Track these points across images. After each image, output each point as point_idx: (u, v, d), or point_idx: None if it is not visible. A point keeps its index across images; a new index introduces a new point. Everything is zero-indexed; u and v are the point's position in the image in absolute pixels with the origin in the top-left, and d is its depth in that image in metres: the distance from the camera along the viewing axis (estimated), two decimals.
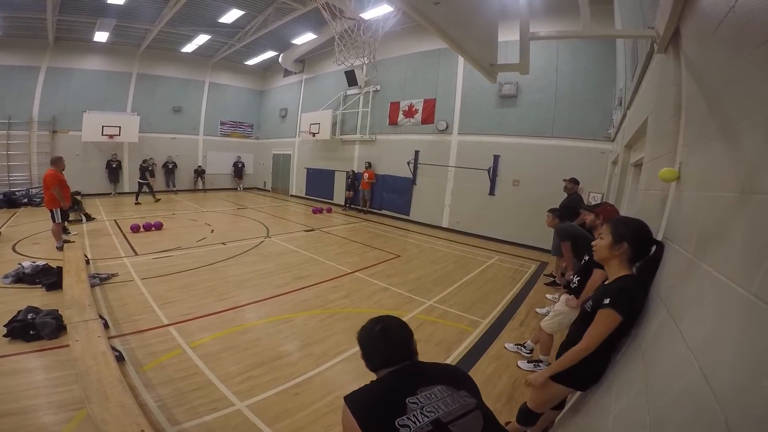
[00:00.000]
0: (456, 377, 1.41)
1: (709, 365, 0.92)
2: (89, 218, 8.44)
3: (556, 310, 3.47)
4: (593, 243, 1.97)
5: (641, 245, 1.82)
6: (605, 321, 1.70)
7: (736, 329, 0.87)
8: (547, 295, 5.86)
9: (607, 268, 1.90)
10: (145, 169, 14.02)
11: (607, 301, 1.70)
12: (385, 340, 1.41)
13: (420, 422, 1.17)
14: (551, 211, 5.26)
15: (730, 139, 1.22)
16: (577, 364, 1.85)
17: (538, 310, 5.18)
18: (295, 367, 3.49)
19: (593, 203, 7.55)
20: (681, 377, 1.04)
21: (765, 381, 0.69)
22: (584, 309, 1.93)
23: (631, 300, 1.71)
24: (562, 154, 8.88)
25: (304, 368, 3.48)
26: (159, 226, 8.99)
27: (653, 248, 1.85)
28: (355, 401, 1.28)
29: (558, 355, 2.11)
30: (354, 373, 3.42)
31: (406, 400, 1.23)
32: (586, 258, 3.35)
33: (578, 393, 2.15)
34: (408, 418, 1.18)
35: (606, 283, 1.92)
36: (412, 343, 1.45)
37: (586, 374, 1.88)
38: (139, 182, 13.91)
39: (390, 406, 1.22)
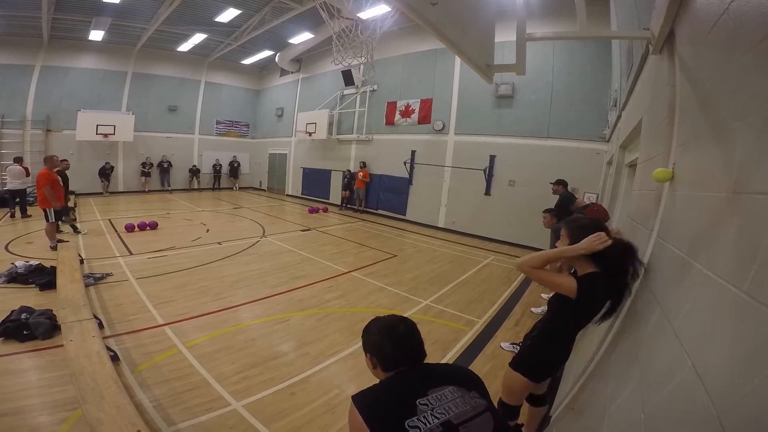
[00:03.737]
0: (466, 378, 1.38)
1: (702, 363, 0.93)
2: (75, 230, 8.22)
3: None
4: (556, 244, 2.09)
5: None
6: (562, 278, 1.91)
7: (729, 327, 0.89)
8: (542, 295, 5.88)
9: (575, 267, 2.03)
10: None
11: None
12: (407, 342, 1.38)
13: (430, 423, 1.14)
14: (547, 211, 5.29)
15: (723, 140, 1.23)
16: (529, 354, 2.14)
17: (533, 309, 5.20)
18: (291, 367, 3.48)
19: (587, 203, 7.60)
20: (675, 375, 1.05)
21: (757, 378, 0.70)
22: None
23: (589, 285, 1.84)
24: (558, 154, 8.92)
25: (300, 368, 3.47)
26: (154, 226, 8.95)
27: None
28: (364, 401, 1.24)
29: (522, 343, 2.38)
30: (350, 372, 3.40)
31: (417, 402, 1.19)
32: None
33: (575, 389, 2.17)
34: (418, 419, 1.15)
35: None
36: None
37: (538, 365, 2.08)
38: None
39: (400, 407, 1.19)
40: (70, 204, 9.84)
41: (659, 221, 1.99)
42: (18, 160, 10.14)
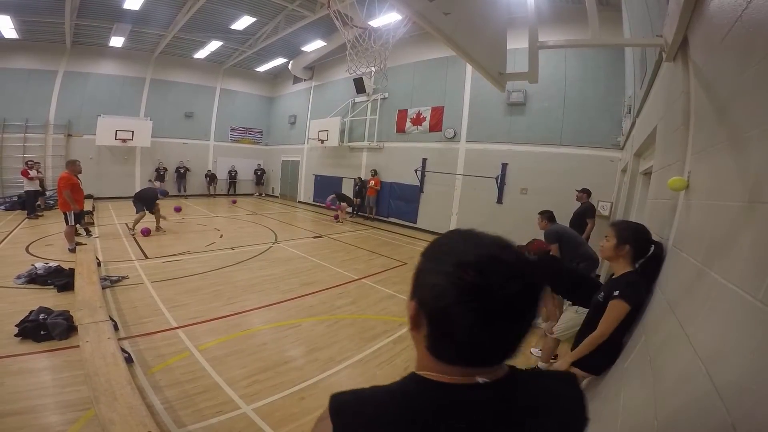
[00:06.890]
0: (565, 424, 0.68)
1: (716, 370, 0.92)
2: (88, 233, 8.48)
3: (570, 319, 3.39)
4: (601, 244, 2.26)
5: (642, 246, 2.10)
6: (616, 310, 1.99)
7: (743, 335, 0.88)
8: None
9: (613, 265, 2.19)
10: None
11: (616, 293, 1.98)
12: (512, 318, 0.58)
13: None
14: (541, 213, 5.16)
15: (739, 148, 1.22)
16: (593, 350, 2.16)
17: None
18: (301, 372, 3.49)
19: (602, 212, 7.50)
20: (689, 382, 1.04)
21: None
22: (596, 300, 2.18)
23: (637, 292, 1.99)
24: (571, 162, 8.83)
25: (310, 373, 3.48)
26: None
27: (652, 247, 2.10)
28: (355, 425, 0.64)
29: (574, 346, 2.38)
30: (360, 379, 3.39)
31: None
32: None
33: (589, 395, 2.16)
34: None
35: (614, 278, 2.16)
36: None
37: (601, 360, 2.14)
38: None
39: None
40: (87, 207, 10.05)
41: (674, 230, 1.97)
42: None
